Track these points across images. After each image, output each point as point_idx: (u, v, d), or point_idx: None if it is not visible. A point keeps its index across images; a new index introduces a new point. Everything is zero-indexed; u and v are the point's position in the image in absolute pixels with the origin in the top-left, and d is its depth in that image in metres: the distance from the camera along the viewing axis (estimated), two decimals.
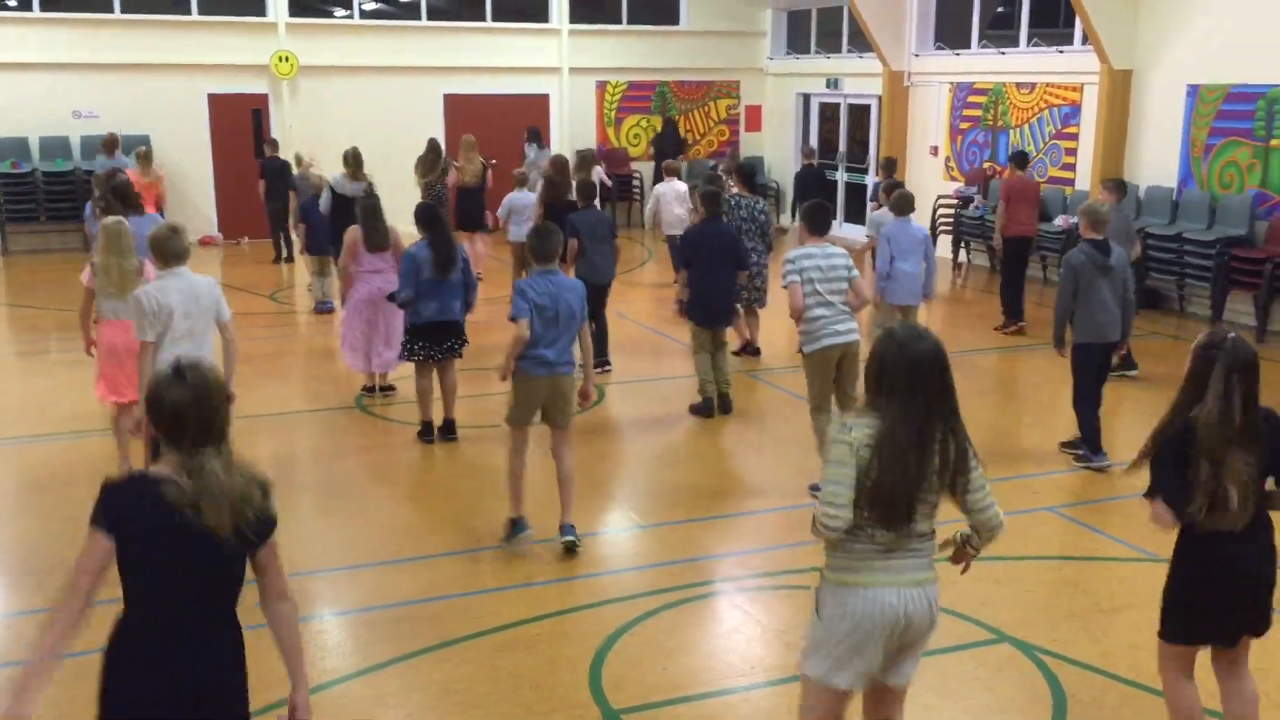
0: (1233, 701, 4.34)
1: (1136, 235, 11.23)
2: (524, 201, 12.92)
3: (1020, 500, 7.46)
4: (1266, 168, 12.39)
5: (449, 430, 8.54)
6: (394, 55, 18.81)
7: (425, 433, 8.53)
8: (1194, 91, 13.14)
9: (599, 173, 15.14)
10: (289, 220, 15.39)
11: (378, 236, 9.10)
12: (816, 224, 7.53)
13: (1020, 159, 12.83)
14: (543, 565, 6.41)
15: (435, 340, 8.32)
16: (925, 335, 3.64)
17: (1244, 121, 12.59)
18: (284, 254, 16.39)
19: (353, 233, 9.17)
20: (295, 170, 14.94)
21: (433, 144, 14.77)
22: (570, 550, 6.48)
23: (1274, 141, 12.28)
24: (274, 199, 15.86)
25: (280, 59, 18.11)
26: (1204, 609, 4.16)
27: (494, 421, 8.56)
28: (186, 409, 3.11)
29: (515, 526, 6.54)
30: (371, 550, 6.67)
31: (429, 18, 19.34)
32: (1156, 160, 13.69)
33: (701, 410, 9.24)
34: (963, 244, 16.03)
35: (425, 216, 8.36)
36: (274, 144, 16.33)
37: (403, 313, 8.54)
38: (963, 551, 3.89)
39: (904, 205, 10.03)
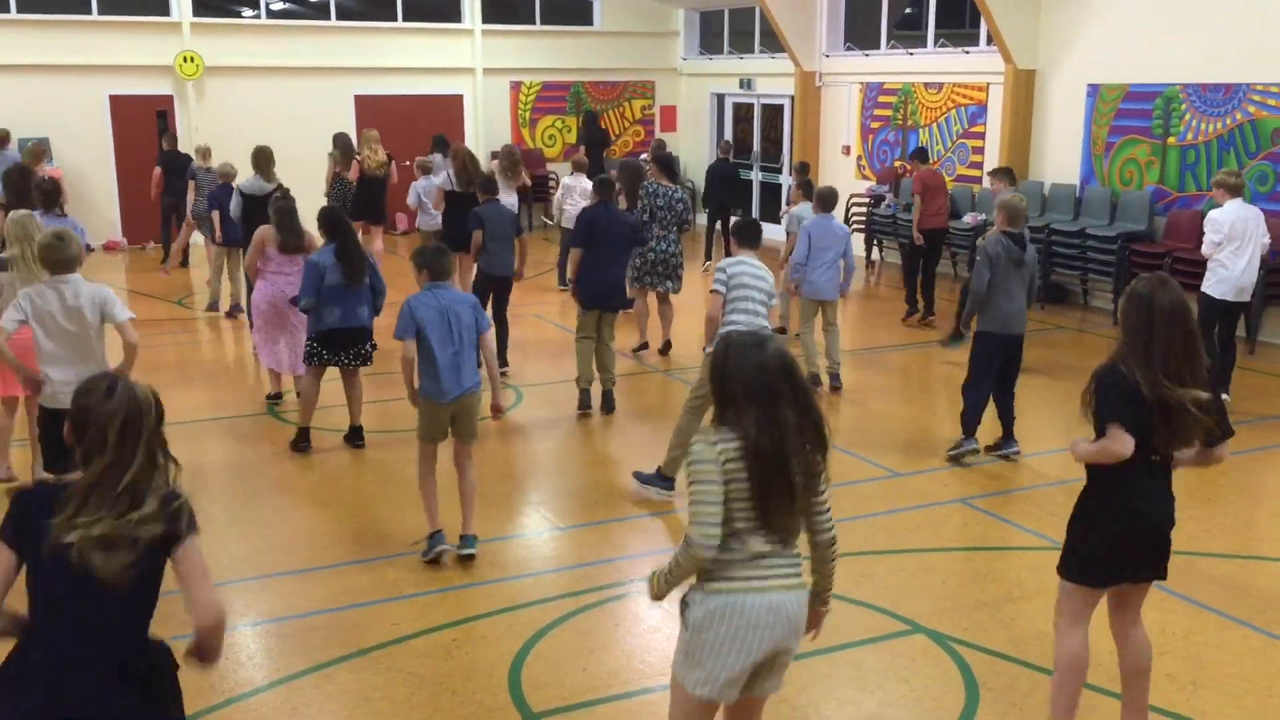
0: (1128, 655, 4.49)
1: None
2: (432, 187, 12.85)
3: (932, 493, 7.59)
4: (1164, 165, 12.77)
5: (356, 437, 8.41)
6: (303, 56, 18.51)
7: (301, 439, 8.36)
8: (1094, 91, 13.49)
9: (524, 175, 15.04)
10: (186, 214, 15.13)
11: (294, 239, 8.94)
12: (746, 238, 7.60)
13: (921, 154, 13.13)
14: (460, 570, 6.34)
15: (340, 347, 8.18)
16: (767, 342, 3.59)
17: (1142, 120, 12.96)
18: (180, 257, 15.99)
19: (263, 232, 8.99)
20: (197, 163, 14.55)
21: (340, 138, 14.71)
22: (467, 560, 6.39)
23: (1171, 139, 12.65)
24: (169, 194, 15.47)
25: (185, 59, 17.72)
26: (1110, 549, 4.28)
27: (403, 426, 8.50)
28: (108, 423, 3.01)
29: (432, 541, 6.44)
30: (284, 559, 6.55)
31: (338, 18, 19.07)
32: (1060, 158, 14.03)
33: (578, 405, 9.22)
34: (875, 242, 16.26)
35: (330, 222, 8.18)
36: (172, 138, 15.95)
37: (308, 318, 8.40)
38: (816, 612, 3.80)
39: (827, 202, 10.16)
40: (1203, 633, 5.63)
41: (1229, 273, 9.06)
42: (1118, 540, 4.27)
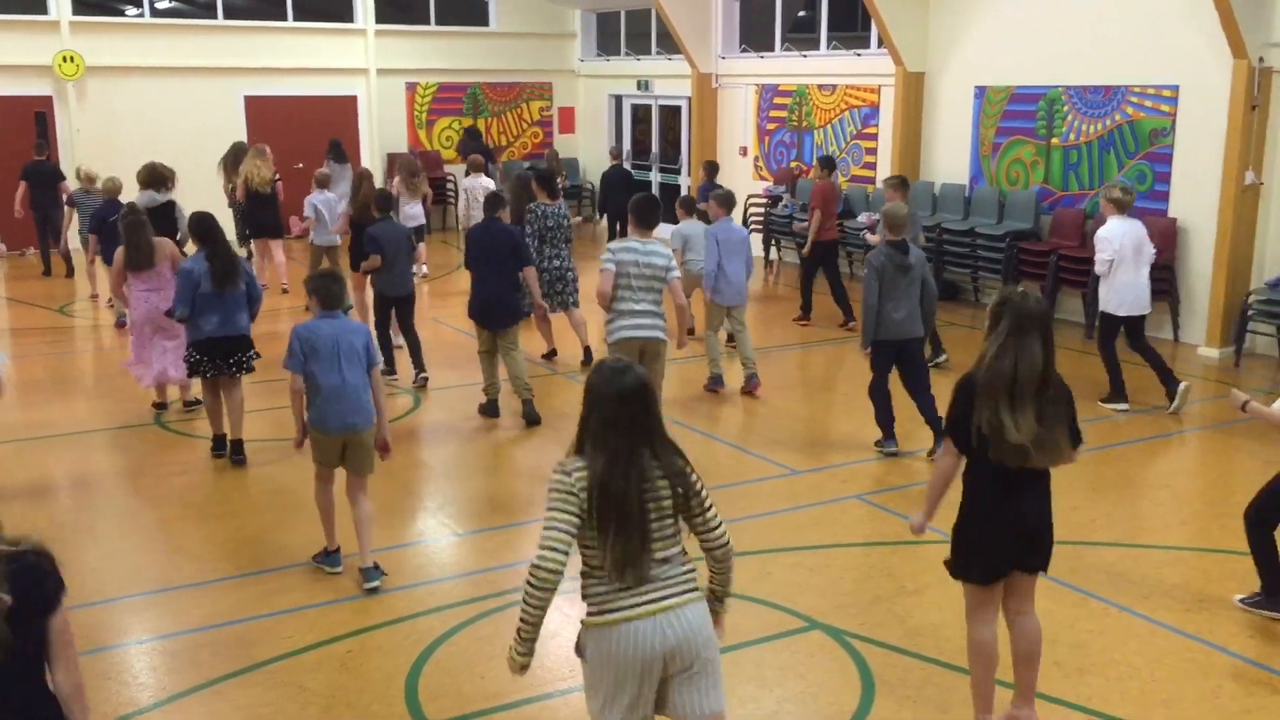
0: (1017, 641, 4.64)
1: (919, 226, 11.67)
2: (328, 202, 12.61)
3: (830, 489, 7.68)
4: (1048, 165, 13.13)
5: (236, 451, 8.18)
6: (189, 56, 18.02)
7: (217, 446, 8.22)
8: (981, 93, 13.81)
9: (425, 184, 14.86)
10: (60, 231, 14.68)
11: (137, 256, 8.73)
12: (644, 217, 7.56)
13: (828, 163, 13.02)
14: (355, 580, 6.22)
15: (219, 355, 7.98)
16: (630, 369, 3.58)
17: (1027, 121, 13.31)
18: (64, 268, 15.47)
19: (120, 253, 8.81)
20: (78, 185, 14.07)
21: (234, 146, 14.39)
22: (373, 593, 6.22)
23: (1054, 140, 13.01)
24: (36, 207, 14.93)
25: (64, 59, 17.11)
26: (986, 547, 4.44)
27: (292, 435, 8.32)
28: None
29: (329, 559, 6.29)
30: (171, 573, 6.36)
31: (226, 16, 18.61)
32: (949, 159, 14.34)
33: (486, 411, 9.15)
34: (773, 242, 16.43)
35: (200, 228, 7.96)
36: (40, 146, 15.38)
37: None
38: (716, 616, 3.80)
39: (728, 203, 10.20)
40: (1088, 620, 5.78)
41: (1125, 290, 9.20)
42: (991, 538, 4.43)
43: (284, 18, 18.94)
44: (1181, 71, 11.59)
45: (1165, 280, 11.67)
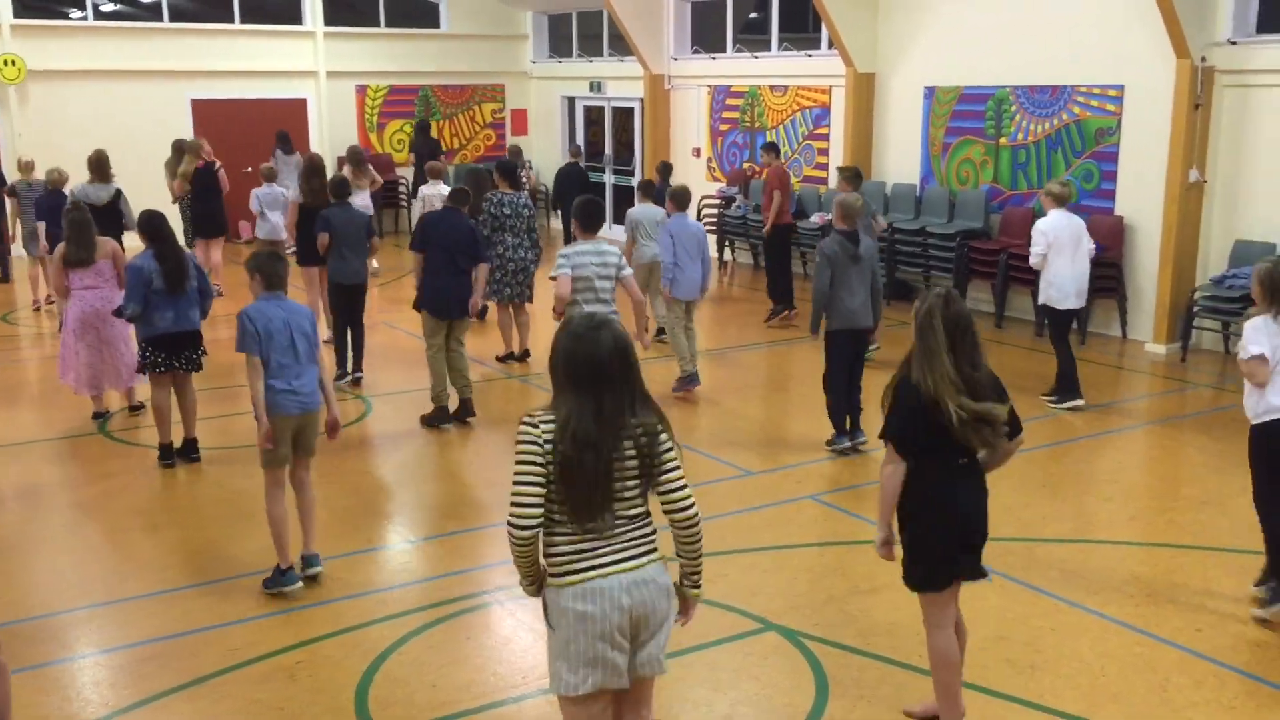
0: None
1: (874, 215, 11.76)
2: (272, 196, 12.48)
3: (785, 490, 7.68)
4: (997, 164, 13.25)
5: (191, 450, 8.11)
6: (134, 59, 17.75)
7: (165, 455, 8.07)
8: (930, 93, 13.91)
9: (372, 172, 14.72)
10: (5, 234, 14.42)
11: (79, 251, 8.60)
12: (589, 220, 7.57)
13: (773, 149, 13.24)
14: (305, 590, 6.13)
15: (173, 350, 7.88)
16: (605, 323, 3.57)
17: (976, 121, 13.42)
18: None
19: (61, 248, 8.66)
20: (18, 177, 13.82)
21: (176, 145, 14.23)
22: (314, 580, 6.17)
23: (1003, 140, 13.13)
24: None
25: (5, 63, 16.80)
26: (938, 553, 4.46)
27: (241, 442, 8.22)
28: None
29: (283, 577, 6.13)
30: (116, 585, 6.23)
31: (172, 19, 18.36)
32: (900, 158, 14.43)
33: (434, 420, 8.99)
34: (728, 243, 16.45)
35: (149, 227, 7.85)
36: None
37: (129, 329, 8.06)
38: (684, 601, 3.80)
39: (682, 200, 10.18)
40: (1040, 617, 5.82)
41: (1064, 282, 9.30)
42: (943, 545, 4.45)
43: (231, 20, 18.71)
44: (1126, 71, 11.74)
45: (1113, 278, 11.81)
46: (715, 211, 16.54)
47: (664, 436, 3.57)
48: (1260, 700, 5.04)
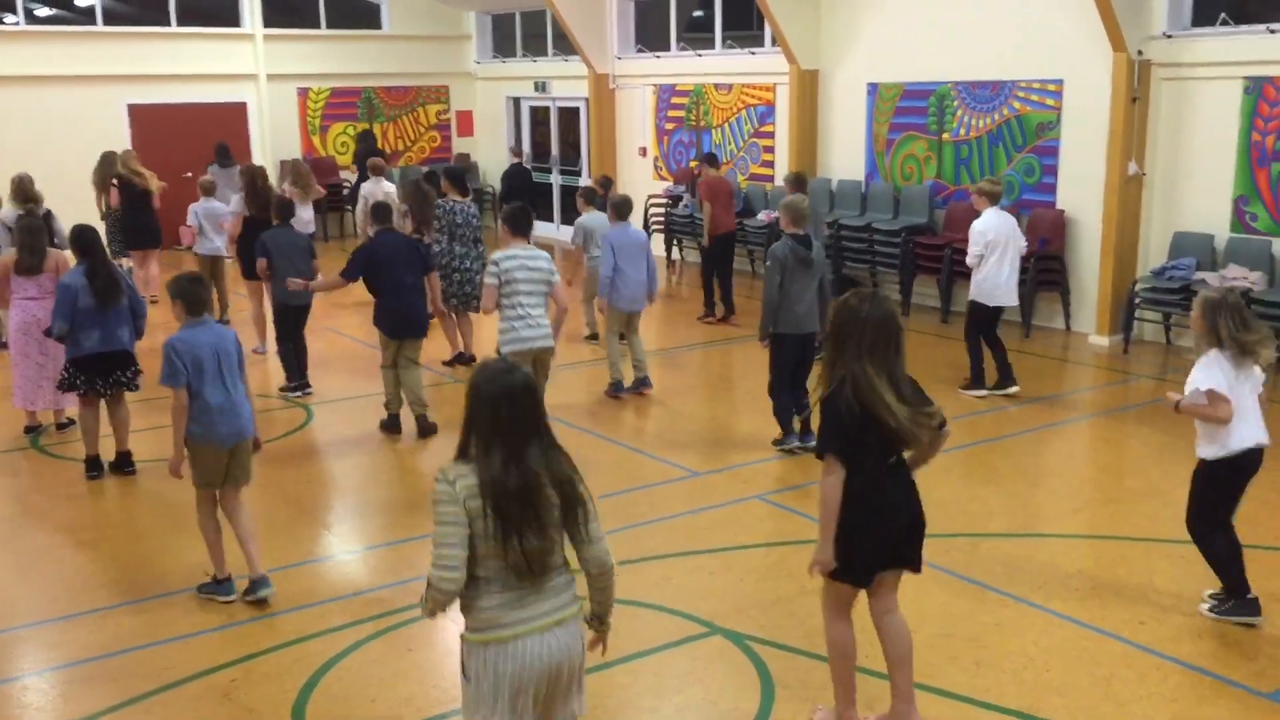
0: (888, 644, 4.63)
1: (821, 221, 11.82)
2: (213, 210, 12.25)
3: (732, 490, 7.64)
4: (940, 159, 13.30)
5: (125, 463, 7.93)
6: (68, 64, 17.37)
7: (92, 468, 7.89)
8: (874, 90, 13.94)
9: (315, 186, 14.51)
10: None
11: (29, 259, 8.39)
12: (518, 225, 7.53)
13: (710, 159, 13.25)
14: (241, 605, 5.99)
15: (99, 372, 7.68)
16: (515, 369, 3.47)
17: (919, 117, 13.47)
18: None
19: (6, 257, 8.44)
20: None
21: (104, 157, 13.91)
22: (263, 603, 6.02)
23: (945, 135, 13.19)
24: None
25: None
26: (865, 548, 4.42)
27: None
28: None
29: (219, 588, 6.02)
30: (45, 605, 6.06)
31: (106, 22, 18.01)
32: (845, 155, 14.45)
33: (387, 427, 8.88)
34: (675, 242, 16.41)
35: (80, 241, 7.67)
36: None
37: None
38: (598, 635, 3.73)
39: (624, 209, 10.09)
40: (985, 613, 5.81)
41: (996, 280, 9.41)
42: (869, 539, 4.42)
43: (167, 23, 18.38)
44: (1065, 66, 11.82)
45: (1055, 271, 11.90)
46: (662, 211, 16.49)
47: (580, 484, 3.50)
48: (1202, 692, 5.06)
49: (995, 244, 9.32)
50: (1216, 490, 5.62)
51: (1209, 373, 5.39)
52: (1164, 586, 6.06)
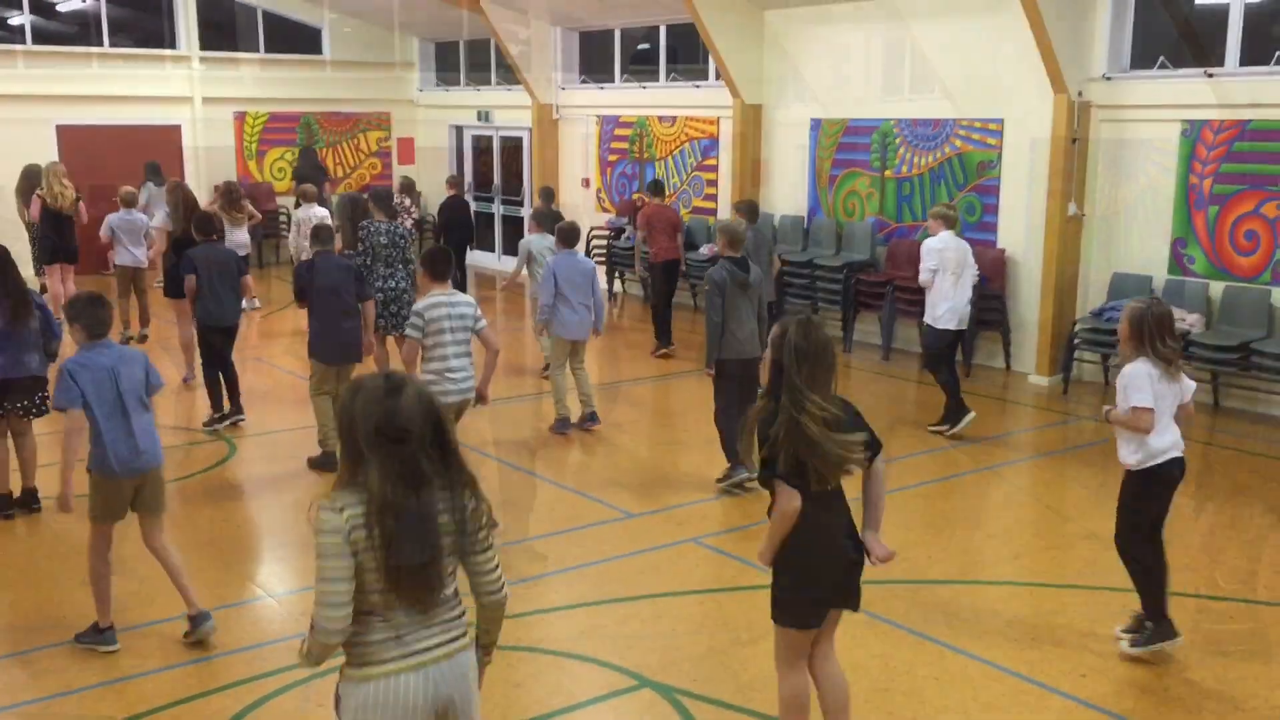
0: (826, 695, 4.47)
1: (774, 250, 11.75)
2: (132, 222, 11.89)
3: (666, 533, 7.41)
4: (883, 196, 13.26)
5: (31, 500, 7.54)
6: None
7: (2, 506, 7.50)
8: (817, 125, 13.89)
9: (249, 207, 14.20)
10: None
11: None
12: (438, 269, 7.28)
13: (656, 187, 13.24)
14: (150, 653, 5.64)
15: (5, 398, 7.30)
16: (404, 385, 3.18)
17: (862, 153, 13.43)
18: None
19: None
20: None
21: (26, 170, 13.55)
22: (203, 644, 5.70)
23: (888, 172, 13.16)
24: None
25: None
26: (805, 588, 4.30)
27: (87, 491, 7.66)
28: None
29: (101, 637, 5.66)
30: None
31: (35, 41, 17.52)
32: (788, 190, 14.38)
33: (321, 464, 8.50)
34: (617, 274, 16.23)
35: None
36: None
37: None
38: (480, 665, 3.47)
39: (570, 237, 9.85)
40: (925, 665, 5.62)
41: (952, 303, 9.38)
42: (807, 578, 4.28)
43: (100, 42, 17.94)
44: (1006, 106, 11.84)
45: (996, 310, 11.86)
46: (604, 243, 16.31)
47: (480, 507, 3.25)
48: None
49: (948, 264, 9.31)
50: (1142, 501, 5.61)
51: (1138, 385, 5.39)
52: (1106, 635, 5.89)
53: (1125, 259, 11.16)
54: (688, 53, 16.26)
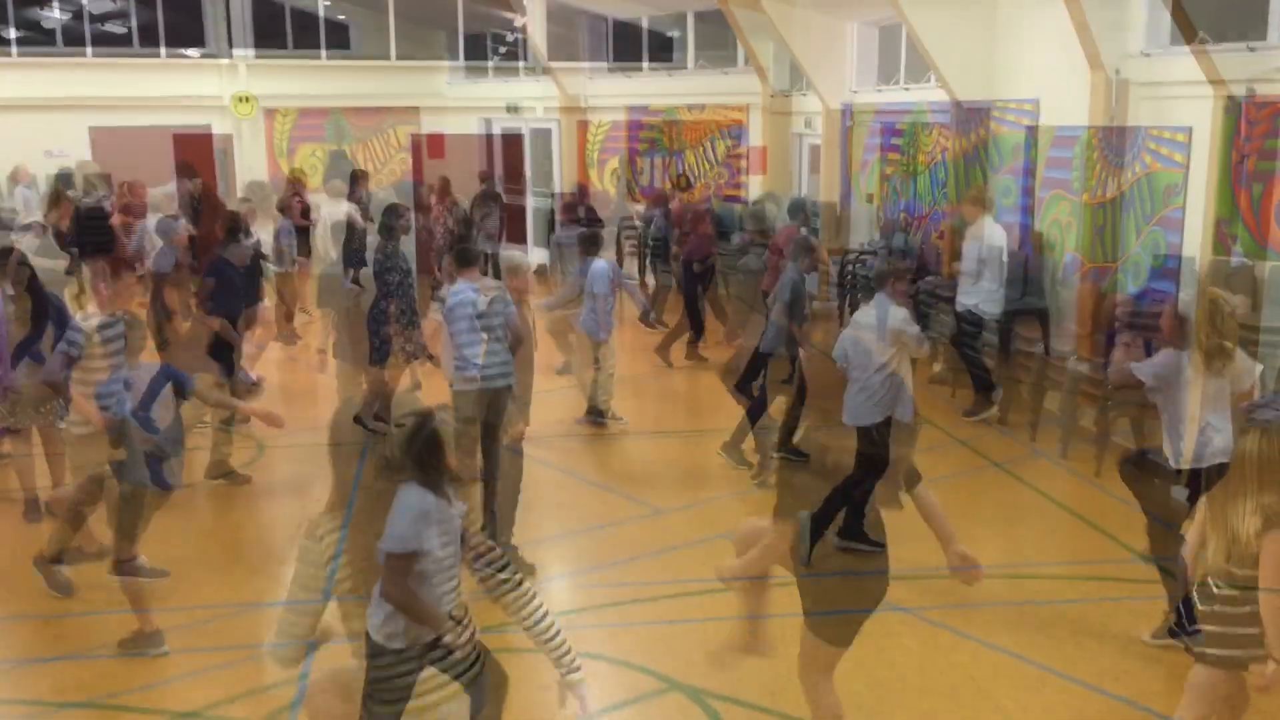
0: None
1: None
2: (164, 226, 11.89)
3: (696, 530, 7.29)
4: (914, 184, 13.03)
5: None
6: (31, 87, 16.98)
7: (31, 511, 7.46)
8: (848, 111, 13.68)
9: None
10: None
11: None
12: (463, 259, 7.17)
13: (682, 182, 13.27)
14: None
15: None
16: (429, 415, 3.19)
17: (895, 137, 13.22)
18: None
19: None
20: None
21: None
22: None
23: (922, 158, 12.92)
24: None
25: None
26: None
27: None
28: None
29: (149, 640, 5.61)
30: None
31: (66, 43, 17.62)
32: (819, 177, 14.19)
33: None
34: (650, 265, 16.08)
35: None
36: None
37: None
38: (570, 688, 3.50)
39: (590, 245, 9.90)
40: (962, 664, 5.47)
41: (991, 288, 9.31)
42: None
43: (130, 44, 18.03)
44: (1041, 85, 11.57)
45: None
46: (635, 234, 16.15)
47: (477, 529, 3.17)
48: None
49: (993, 253, 9.29)
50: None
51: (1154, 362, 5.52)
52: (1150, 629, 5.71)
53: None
54: (717, 39, 16.09)
